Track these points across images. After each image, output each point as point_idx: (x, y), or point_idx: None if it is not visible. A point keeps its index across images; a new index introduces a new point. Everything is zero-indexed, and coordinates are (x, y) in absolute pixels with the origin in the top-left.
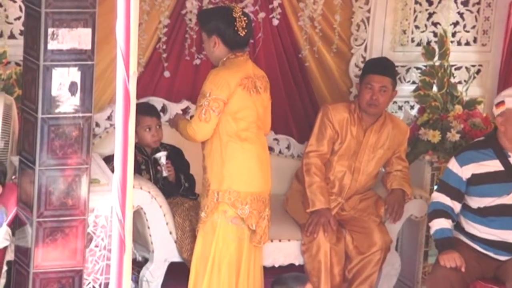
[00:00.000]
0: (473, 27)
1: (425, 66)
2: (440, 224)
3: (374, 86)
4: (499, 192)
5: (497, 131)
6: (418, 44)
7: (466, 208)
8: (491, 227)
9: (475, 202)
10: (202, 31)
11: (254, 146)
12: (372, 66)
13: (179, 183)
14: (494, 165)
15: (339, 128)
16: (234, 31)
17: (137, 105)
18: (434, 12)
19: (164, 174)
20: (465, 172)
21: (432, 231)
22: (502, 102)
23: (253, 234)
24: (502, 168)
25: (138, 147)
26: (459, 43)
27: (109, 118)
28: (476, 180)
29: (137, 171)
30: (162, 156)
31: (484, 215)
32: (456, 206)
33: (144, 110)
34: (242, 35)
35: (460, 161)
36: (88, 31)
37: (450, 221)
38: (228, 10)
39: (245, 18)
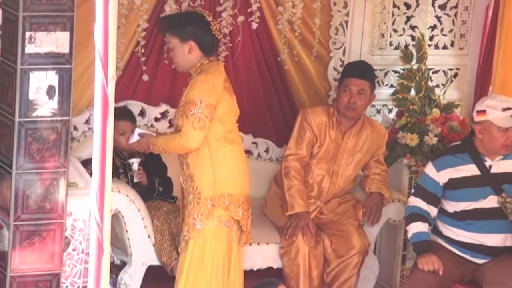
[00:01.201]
0: (451, 30)
1: (403, 69)
2: (417, 227)
3: (352, 89)
4: (475, 196)
5: (473, 136)
6: (396, 48)
7: (442, 212)
8: (468, 231)
9: (452, 206)
10: (172, 37)
11: (240, 147)
12: (350, 69)
13: (152, 188)
14: (470, 170)
15: (318, 131)
16: (211, 35)
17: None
18: (412, 16)
19: (135, 180)
20: (442, 177)
21: (409, 235)
22: (484, 112)
23: (242, 235)
24: (478, 173)
25: (116, 151)
26: (436, 47)
27: (87, 121)
28: (453, 184)
29: (115, 174)
30: (134, 162)
31: (461, 219)
32: (432, 211)
33: (119, 115)
34: (219, 38)
35: (437, 166)
36: (66, 34)
37: (427, 224)
38: (200, 15)
39: (216, 22)
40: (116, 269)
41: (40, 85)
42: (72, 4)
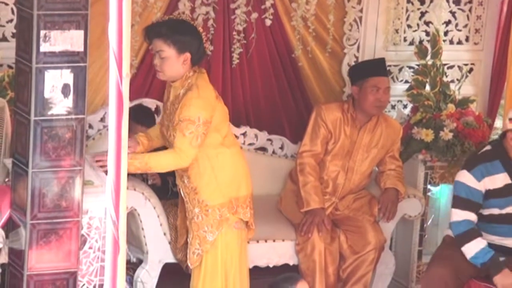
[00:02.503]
0: (465, 26)
1: (418, 65)
2: (478, 245)
3: (381, 87)
4: (505, 204)
5: (504, 140)
6: (411, 43)
7: None
8: (491, 233)
9: (481, 211)
10: (169, 46)
11: (238, 149)
12: (375, 68)
13: (166, 188)
14: (503, 179)
15: (333, 128)
16: (203, 48)
17: (132, 110)
18: (426, 11)
19: (149, 182)
20: (483, 185)
21: (470, 254)
22: None
23: (249, 231)
24: (510, 181)
25: None
26: (451, 42)
27: (102, 119)
28: (488, 195)
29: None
30: None
31: (486, 221)
32: (476, 220)
33: (137, 118)
34: (208, 52)
35: (477, 175)
36: (81, 33)
37: (482, 238)
38: (193, 25)
39: (204, 33)
40: (132, 267)
41: (55, 83)
42: (86, 2)
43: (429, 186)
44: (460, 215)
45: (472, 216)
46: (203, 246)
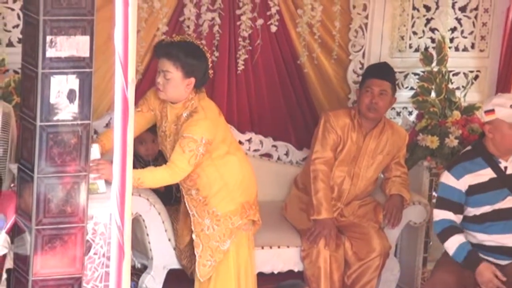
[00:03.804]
0: (471, 33)
1: (423, 72)
2: (457, 241)
3: (374, 90)
4: (494, 199)
5: (483, 139)
6: (416, 50)
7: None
8: (488, 233)
9: (471, 211)
10: (176, 68)
11: (242, 153)
12: (372, 70)
13: (170, 194)
14: (487, 173)
15: (342, 133)
16: (208, 75)
17: None
18: (432, 18)
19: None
20: (463, 184)
21: (451, 252)
22: (492, 111)
23: (254, 226)
24: (494, 175)
25: (136, 155)
26: (456, 49)
27: (108, 125)
28: (473, 190)
29: None
30: None
31: (480, 222)
32: (459, 219)
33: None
34: (210, 77)
35: (455, 174)
36: (86, 38)
37: (462, 235)
38: (202, 50)
39: (210, 58)
40: (137, 272)
41: (61, 89)
42: (92, 8)
43: (434, 193)
44: (438, 214)
45: (449, 215)
46: (216, 256)
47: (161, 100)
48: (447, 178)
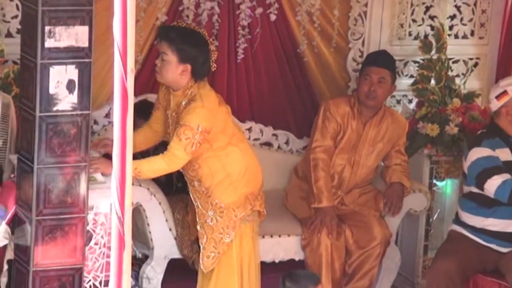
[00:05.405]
0: (470, 20)
1: (423, 59)
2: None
3: (373, 77)
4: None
5: (497, 121)
6: (416, 38)
7: (469, 198)
8: (495, 217)
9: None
10: (172, 52)
11: (246, 144)
12: (371, 58)
13: (171, 183)
14: (506, 154)
15: (342, 122)
16: (208, 66)
17: (137, 105)
18: (431, 6)
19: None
20: (499, 154)
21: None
22: (504, 92)
23: (260, 217)
24: (511, 158)
25: None
26: (456, 36)
27: (107, 115)
28: None
29: None
30: None
31: (488, 205)
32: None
33: (142, 113)
34: (213, 70)
35: (488, 146)
36: (85, 28)
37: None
38: (206, 41)
39: (216, 52)
40: (138, 262)
41: (60, 79)
42: None
43: (434, 181)
44: (492, 184)
45: (505, 176)
46: (220, 248)
47: (166, 90)
48: (480, 152)
